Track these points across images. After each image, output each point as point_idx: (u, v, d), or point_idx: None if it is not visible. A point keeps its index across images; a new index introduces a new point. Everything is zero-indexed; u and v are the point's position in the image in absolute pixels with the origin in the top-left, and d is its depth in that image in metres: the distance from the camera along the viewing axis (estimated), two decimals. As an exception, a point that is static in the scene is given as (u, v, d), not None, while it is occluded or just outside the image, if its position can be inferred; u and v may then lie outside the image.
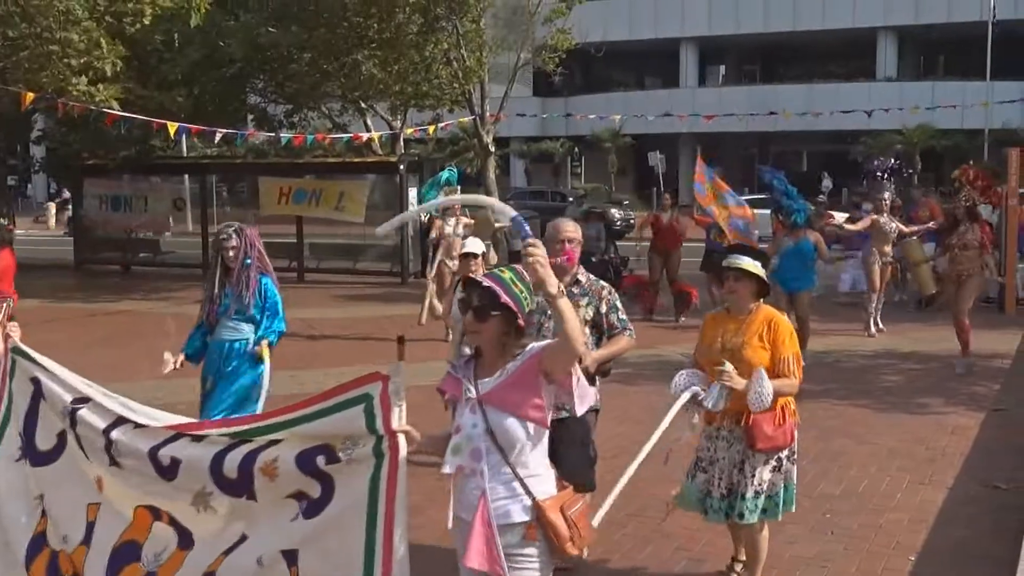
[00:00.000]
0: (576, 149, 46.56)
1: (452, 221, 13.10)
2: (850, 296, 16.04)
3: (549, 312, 4.61)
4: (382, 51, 19.30)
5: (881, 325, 13.54)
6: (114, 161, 21.39)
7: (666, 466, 5.30)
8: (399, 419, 3.51)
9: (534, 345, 3.58)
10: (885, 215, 13.53)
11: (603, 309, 5.29)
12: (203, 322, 6.59)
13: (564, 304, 3.29)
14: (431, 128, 20.79)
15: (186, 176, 26.00)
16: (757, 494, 5.05)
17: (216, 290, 6.52)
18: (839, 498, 6.75)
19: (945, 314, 14.48)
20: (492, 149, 20.40)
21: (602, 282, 5.39)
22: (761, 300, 5.13)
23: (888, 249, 13.49)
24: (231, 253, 6.46)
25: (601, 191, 41.40)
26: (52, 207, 40.61)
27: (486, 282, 3.50)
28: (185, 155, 28.89)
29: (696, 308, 14.51)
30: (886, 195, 13.86)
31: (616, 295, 5.38)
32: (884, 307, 13.84)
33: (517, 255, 16.40)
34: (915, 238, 14.43)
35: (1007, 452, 7.86)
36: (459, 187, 13.88)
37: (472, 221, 13.65)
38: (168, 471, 3.84)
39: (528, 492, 3.49)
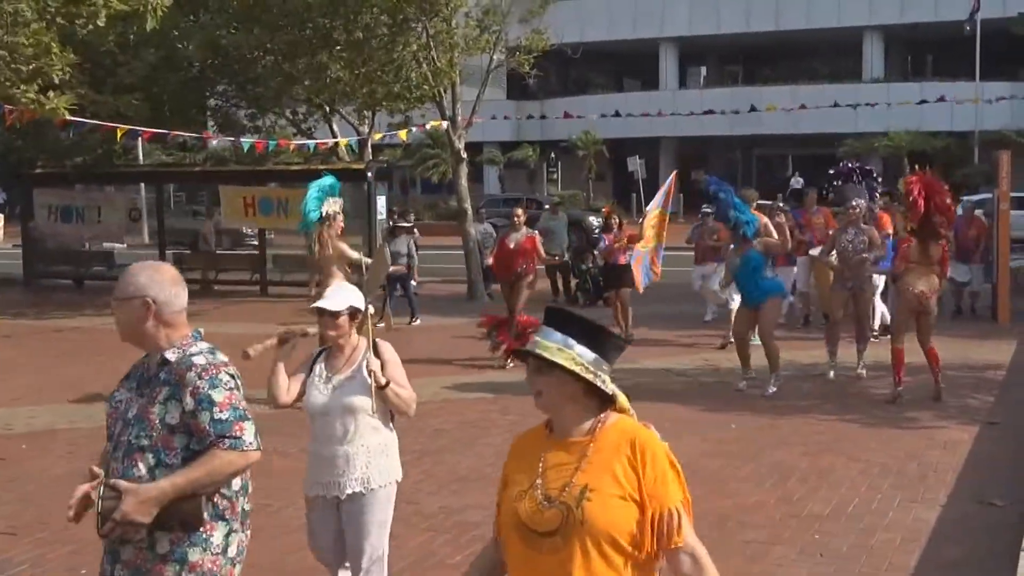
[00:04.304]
0: (552, 155, 46.66)
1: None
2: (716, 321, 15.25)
3: (131, 413, 3.42)
4: (349, 53, 19.27)
5: (861, 370, 11.42)
6: (70, 170, 21.24)
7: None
8: None
9: None
10: (852, 227, 11.31)
11: (188, 404, 3.33)
12: None
13: None
14: (402, 133, 20.74)
15: (142, 185, 25.86)
16: None
17: None
18: (828, 518, 6.77)
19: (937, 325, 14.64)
20: (464, 155, 20.37)
21: (197, 358, 3.40)
22: (612, 410, 2.93)
23: (851, 270, 11.20)
24: None
25: (578, 198, 41.53)
26: (0, 217, 40.24)
27: None
28: (141, 163, 28.74)
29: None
30: (856, 202, 11.44)
31: (215, 379, 3.36)
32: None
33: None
34: (829, 257, 11.94)
35: (1002, 467, 7.91)
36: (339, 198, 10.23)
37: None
38: None
39: None
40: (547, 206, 25.37)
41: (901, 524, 6.66)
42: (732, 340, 12.00)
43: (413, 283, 16.90)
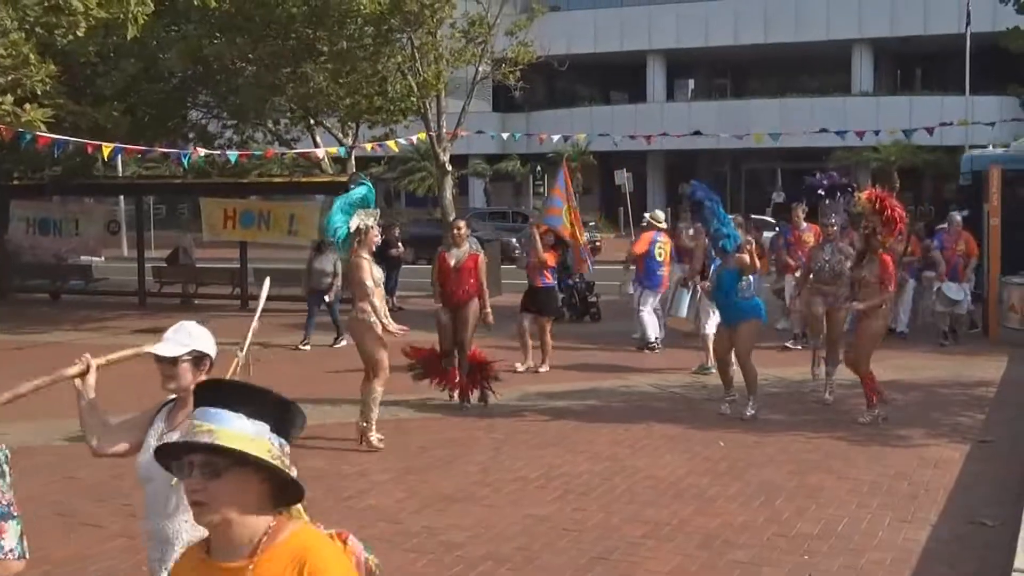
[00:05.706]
0: (538, 167, 46.75)
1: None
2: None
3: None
4: (333, 63, 19.29)
5: (828, 395, 11.06)
6: (48, 182, 21.14)
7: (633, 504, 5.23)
8: None
9: None
10: (829, 245, 11.43)
11: None
12: None
13: None
14: (392, 144, 20.77)
15: (121, 197, 25.77)
16: None
17: None
18: (817, 538, 6.76)
19: (928, 341, 14.68)
20: (449, 168, 20.39)
21: None
22: (290, 512, 2.33)
23: (830, 287, 11.14)
24: None
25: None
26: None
27: None
28: (120, 174, 28.61)
29: (497, 379, 11.02)
30: (834, 219, 11.43)
31: None
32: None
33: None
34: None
35: (993, 486, 7.92)
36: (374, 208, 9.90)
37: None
38: None
39: None
40: (532, 220, 25.35)
41: (891, 544, 6.65)
42: (711, 366, 12.03)
43: (328, 299, 15.64)
